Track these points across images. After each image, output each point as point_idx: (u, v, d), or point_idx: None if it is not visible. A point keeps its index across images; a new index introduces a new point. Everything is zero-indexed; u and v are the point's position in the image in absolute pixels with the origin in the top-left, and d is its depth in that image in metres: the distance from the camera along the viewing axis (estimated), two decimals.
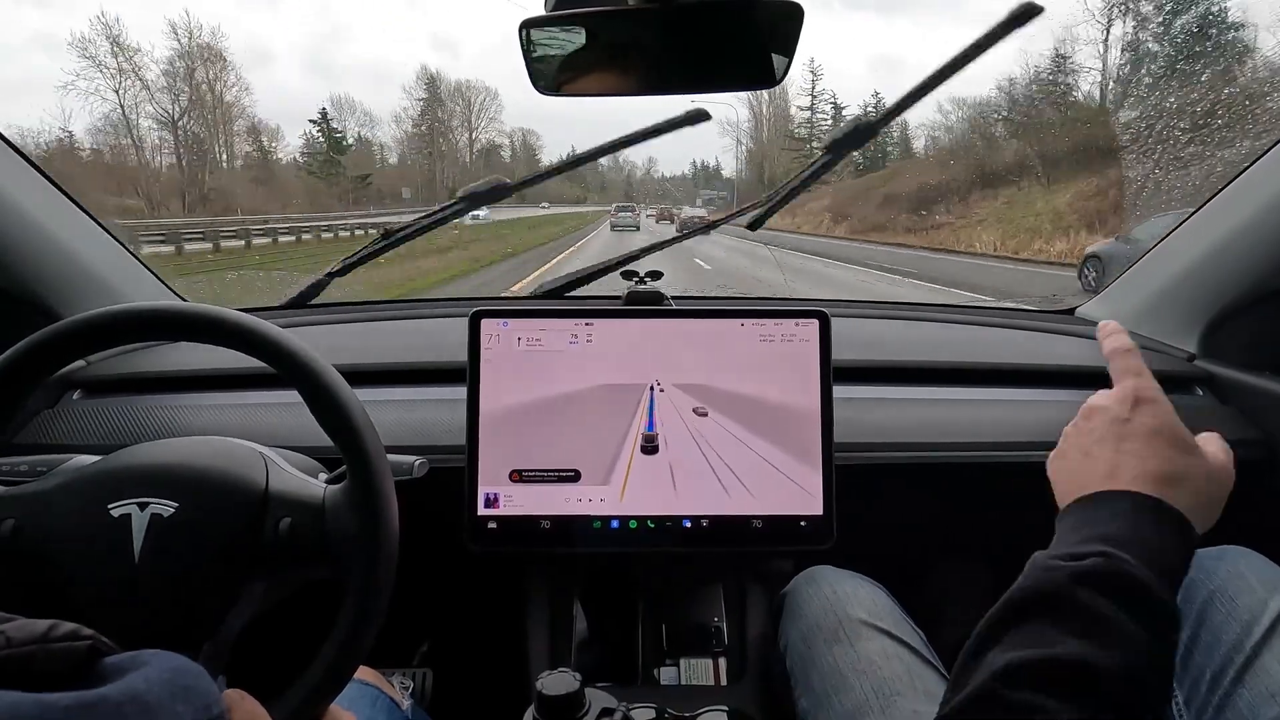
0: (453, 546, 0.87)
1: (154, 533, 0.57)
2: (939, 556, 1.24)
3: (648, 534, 0.88)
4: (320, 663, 0.55)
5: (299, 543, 0.59)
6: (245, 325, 0.60)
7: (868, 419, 0.99)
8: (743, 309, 0.91)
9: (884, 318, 1.29)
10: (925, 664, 0.76)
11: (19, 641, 0.34)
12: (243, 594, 0.59)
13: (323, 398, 0.59)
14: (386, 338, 1.23)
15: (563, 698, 0.65)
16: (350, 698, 0.71)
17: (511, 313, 0.89)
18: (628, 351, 0.89)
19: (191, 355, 1.07)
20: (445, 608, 1.23)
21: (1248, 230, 1.02)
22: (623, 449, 0.88)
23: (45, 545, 0.58)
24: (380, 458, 0.59)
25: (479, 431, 0.88)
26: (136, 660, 0.37)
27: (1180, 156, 5.76)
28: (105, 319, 0.60)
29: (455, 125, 59.32)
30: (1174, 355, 1.14)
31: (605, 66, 0.82)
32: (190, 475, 0.59)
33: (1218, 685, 0.68)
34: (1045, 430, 1.01)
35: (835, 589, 0.83)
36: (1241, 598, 0.71)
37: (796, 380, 0.89)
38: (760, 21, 0.77)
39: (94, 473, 0.61)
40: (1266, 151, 0.99)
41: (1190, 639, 0.73)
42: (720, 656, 0.93)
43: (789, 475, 0.88)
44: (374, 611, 0.56)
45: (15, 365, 0.59)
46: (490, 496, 0.88)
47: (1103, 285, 1.34)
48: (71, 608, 0.56)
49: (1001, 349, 1.18)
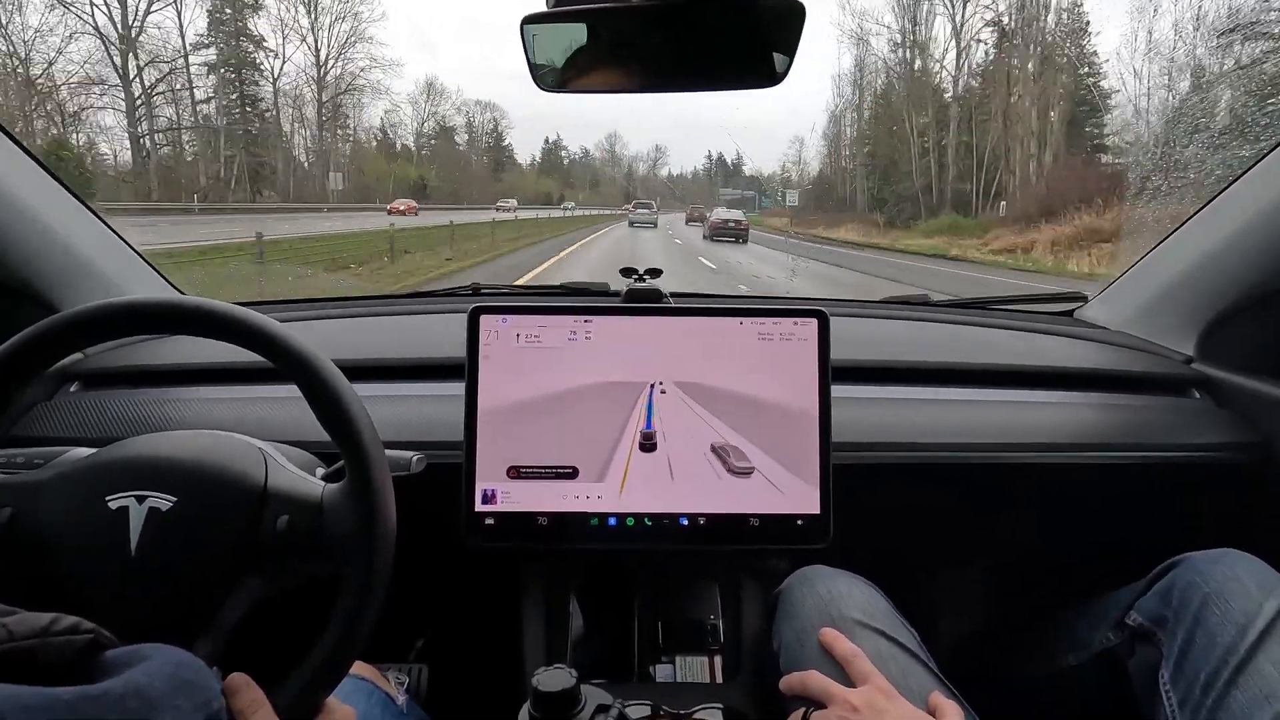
0: (450, 542, 0.87)
1: (151, 526, 0.57)
2: (934, 557, 1.25)
3: (645, 531, 0.88)
4: (316, 657, 0.55)
5: (296, 540, 0.59)
6: (244, 320, 0.60)
7: (866, 419, 0.99)
8: (741, 307, 0.91)
9: (883, 317, 1.29)
10: (919, 664, 0.76)
11: (21, 635, 0.34)
12: (239, 589, 0.59)
13: (322, 394, 0.59)
14: (385, 333, 1.23)
15: (558, 694, 0.66)
16: (346, 692, 0.71)
17: (511, 309, 0.89)
18: (626, 349, 0.89)
19: (190, 348, 1.07)
20: (442, 603, 1.23)
21: (1247, 233, 1.02)
22: (620, 446, 0.88)
23: (42, 535, 0.58)
24: (379, 456, 0.59)
25: (477, 427, 0.88)
26: (138, 655, 0.37)
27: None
28: (103, 312, 0.60)
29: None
30: (1171, 358, 1.14)
31: (605, 64, 0.82)
32: (189, 469, 0.59)
33: (1212, 687, 0.68)
34: (1042, 432, 1.01)
35: (829, 589, 0.83)
36: (1237, 601, 0.72)
37: (795, 379, 0.89)
38: (762, 20, 0.77)
39: (93, 463, 0.60)
40: (1266, 155, 0.99)
41: (1185, 641, 0.73)
42: (716, 654, 0.94)
43: (786, 474, 0.88)
44: (370, 608, 0.56)
45: (12, 357, 0.59)
46: (488, 492, 0.88)
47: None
48: (67, 598, 0.56)
49: (1000, 350, 1.18)
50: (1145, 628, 0.80)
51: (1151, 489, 1.08)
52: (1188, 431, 1.03)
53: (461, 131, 51.71)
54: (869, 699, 0.68)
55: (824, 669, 0.74)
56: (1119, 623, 0.83)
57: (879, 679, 0.70)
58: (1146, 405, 1.08)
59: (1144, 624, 0.80)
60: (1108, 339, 1.22)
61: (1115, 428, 1.04)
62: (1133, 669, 0.81)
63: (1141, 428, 1.04)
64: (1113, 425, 1.05)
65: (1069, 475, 1.03)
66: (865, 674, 0.71)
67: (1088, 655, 0.88)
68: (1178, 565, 0.80)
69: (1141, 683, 0.79)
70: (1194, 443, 1.02)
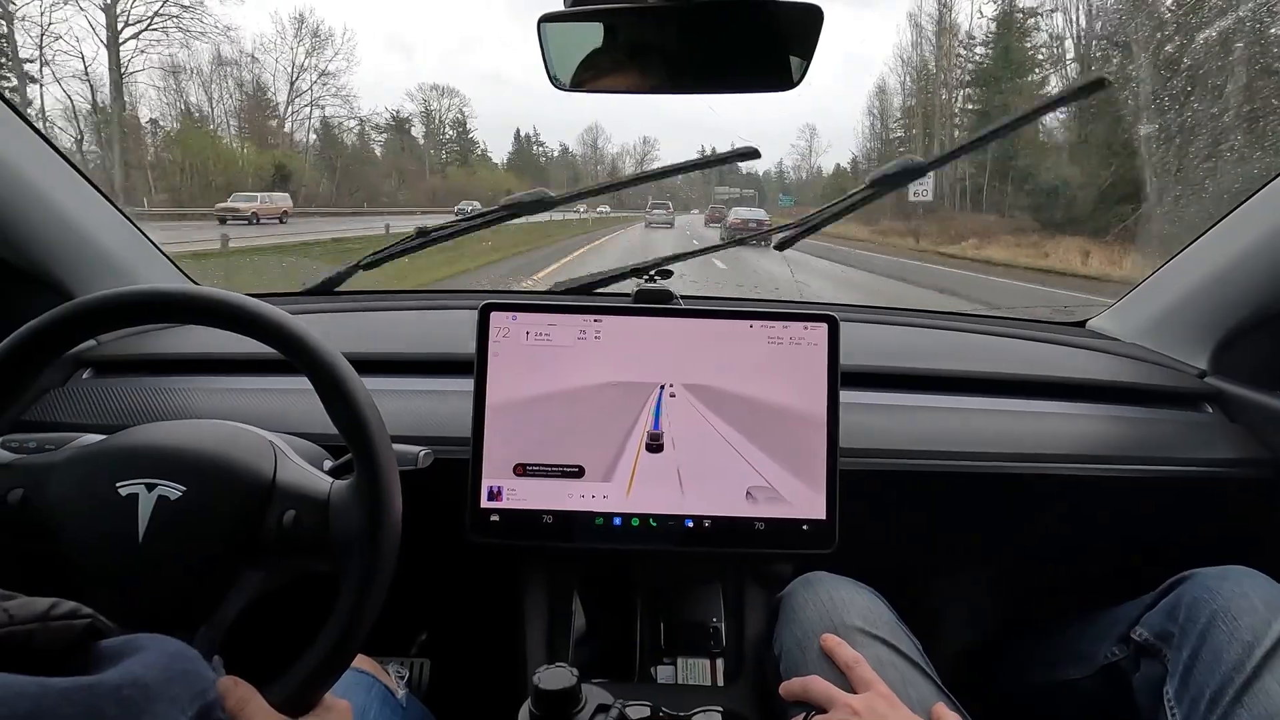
0: (454, 538, 0.88)
1: (159, 514, 0.57)
2: (939, 566, 1.24)
3: (649, 532, 0.88)
4: (315, 652, 0.55)
5: (301, 536, 0.59)
6: (257, 312, 0.60)
7: (874, 425, 0.99)
8: (752, 310, 0.91)
9: (894, 324, 1.29)
10: (920, 672, 0.76)
11: (21, 619, 0.34)
12: (241, 581, 0.60)
13: (334, 390, 0.59)
14: (396, 327, 1.23)
15: (559, 692, 0.66)
16: (345, 685, 0.72)
17: (521, 307, 0.90)
18: (635, 349, 0.89)
19: (202, 338, 1.08)
20: (445, 599, 1.24)
21: (1263, 246, 1.01)
22: (627, 446, 0.88)
23: (51, 517, 0.58)
24: (388, 457, 0.59)
25: (485, 424, 0.88)
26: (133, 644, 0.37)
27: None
28: (118, 300, 0.60)
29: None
30: (1185, 371, 1.14)
31: (622, 65, 0.82)
32: (199, 460, 0.60)
33: (1217, 704, 0.68)
34: (1051, 443, 1.01)
35: (832, 595, 0.83)
36: (1244, 618, 0.71)
37: (803, 383, 0.89)
38: (779, 23, 0.77)
39: (105, 449, 0.61)
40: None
41: (1191, 657, 0.73)
42: (718, 657, 0.93)
43: (793, 478, 0.88)
44: (370, 607, 0.56)
45: (28, 342, 0.59)
46: (494, 489, 0.88)
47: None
48: (72, 584, 0.56)
49: (1010, 359, 1.17)
50: (1151, 643, 0.79)
51: (1161, 503, 1.07)
52: (1199, 446, 1.02)
53: (418, 121, 43.65)
54: (870, 704, 0.68)
55: (825, 675, 0.74)
56: (1124, 637, 0.83)
57: (880, 685, 0.70)
58: (1158, 418, 1.07)
59: (1150, 639, 0.79)
60: (1120, 350, 1.21)
61: (1126, 440, 1.03)
62: (1137, 684, 0.80)
63: (1152, 441, 1.03)
64: (1123, 437, 1.04)
65: (1077, 487, 1.02)
66: (867, 681, 0.71)
67: (1092, 669, 0.87)
68: (1185, 581, 0.79)
69: (1145, 698, 0.78)
70: (1205, 458, 1.01)
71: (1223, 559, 0.80)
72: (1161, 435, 1.04)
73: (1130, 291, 1.28)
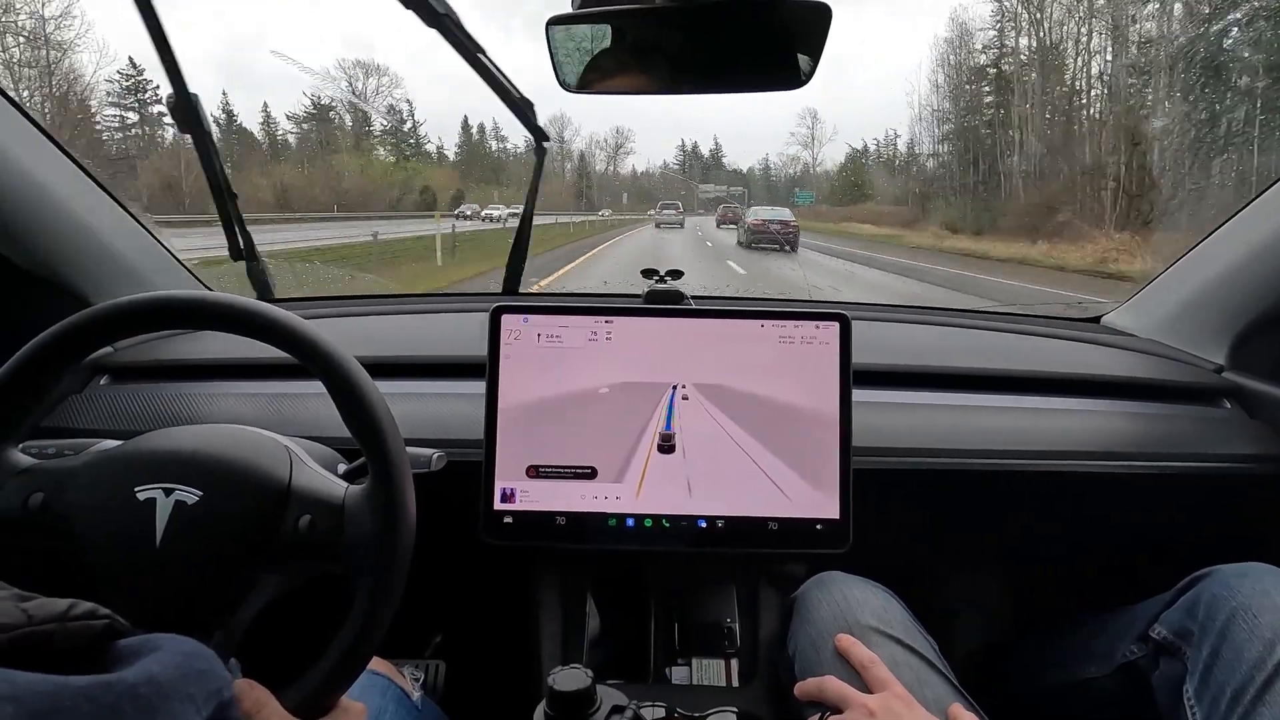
0: (468, 540, 0.88)
1: (177, 519, 0.58)
2: (953, 565, 1.23)
3: (662, 533, 0.88)
4: (331, 656, 0.56)
5: (317, 540, 0.59)
6: (272, 317, 0.60)
7: (887, 424, 0.99)
8: (763, 310, 0.91)
9: (906, 321, 1.28)
10: (935, 672, 0.75)
11: (39, 619, 0.34)
12: (257, 584, 0.60)
13: (348, 394, 0.59)
14: (409, 331, 1.24)
15: (574, 694, 0.66)
16: (361, 687, 0.72)
17: (532, 309, 0.90)
18: (647, 350, 0.89)
19: (217, 344, 1.09)
20: (459, 601, 1.24)
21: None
22: (639, 447, 0.88)
23: (70, 521, 0.59)
24: (402, 460, 0.59)
25: (497, 426, 0.88)
26: (150, 644, 0.38)
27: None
28: (135, 306, 0.61)
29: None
30: (1202, 366, 1.12)
31: (630, 65, 0.82)
32: (216, 465, 0.60)
33: (1238, 702, 0.67)
34: (1067, 440, 1.00)
35: (846, 595, 0.83)
36: (1265, 615, 0.70)
37: (816, 383, 0.89)
38: (787, 22, 0.77)
39: (123, 454, 0.62)
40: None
41: (1211, 655, 0.72)
42: (733, 657, 0.93)
43: (805, 478, 0.88)
44: (385, 611, 0.56)
45: (49, 347, 0.60)
46: (506, 491, 0.88)
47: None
48: (91, 586, 0.57)
49: (1024, 356, 1.16)
50: (1170, 641, 0.78)
51: (1179, 500, 1.06)
52: (1218, 442, 1.01)
53: (342, 110, 36.31)
54: (886, 704, 0.68)
55: (840, 675, 0.74)
56: (1143, 635, 0.82)
57: (896, 685, 0.70)
58: (1175, 414, 1.06)
59: (1169, 637, 0.78)
60: (1136, 346, 1.20)
61: (1143, 436, 1.02)
62: (1156, 682, 0.79)
63: (1170, 437, 1.02)
64: (1140, 434, 1.03)
65: (1095, 484, 1.01)
66: (882, 680, 0.71)
67: (1110, 667, 0.86)
68: (1205, 578, 0.78)
69: (1165, 697, 0.78)
70: (1224, 453, 1.00)
71: (1242, 556, 0.79)
72: (1180, 431, 1.03)
73: (1145, 286, 1.26)
